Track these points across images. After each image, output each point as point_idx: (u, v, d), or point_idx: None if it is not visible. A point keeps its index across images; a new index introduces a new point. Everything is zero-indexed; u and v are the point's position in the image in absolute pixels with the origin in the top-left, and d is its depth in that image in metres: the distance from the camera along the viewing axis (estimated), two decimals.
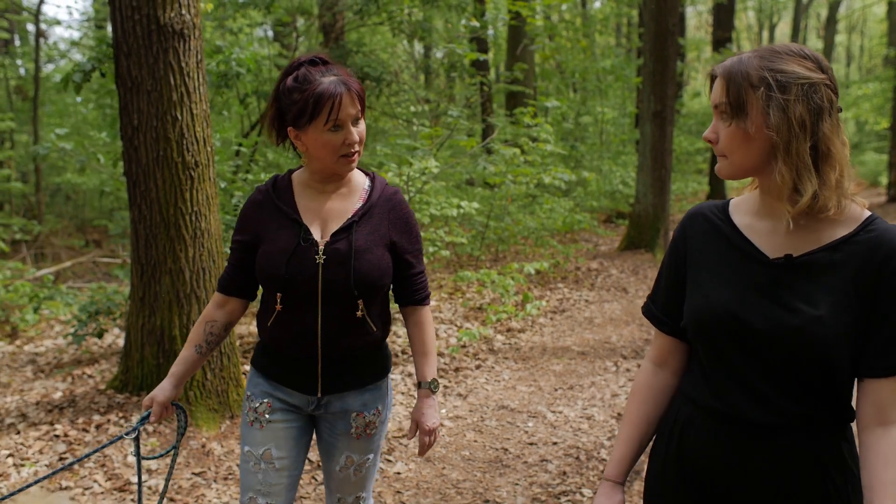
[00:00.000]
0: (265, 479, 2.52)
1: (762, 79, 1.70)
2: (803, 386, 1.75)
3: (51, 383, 5.60)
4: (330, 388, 2.50)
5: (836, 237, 1.75)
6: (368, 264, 2.41)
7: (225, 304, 2.58)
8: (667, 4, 11.66)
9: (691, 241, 1.95)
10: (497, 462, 4.73)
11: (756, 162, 1.75)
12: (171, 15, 4.65)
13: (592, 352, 7.08)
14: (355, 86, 2.38)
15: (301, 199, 2.49)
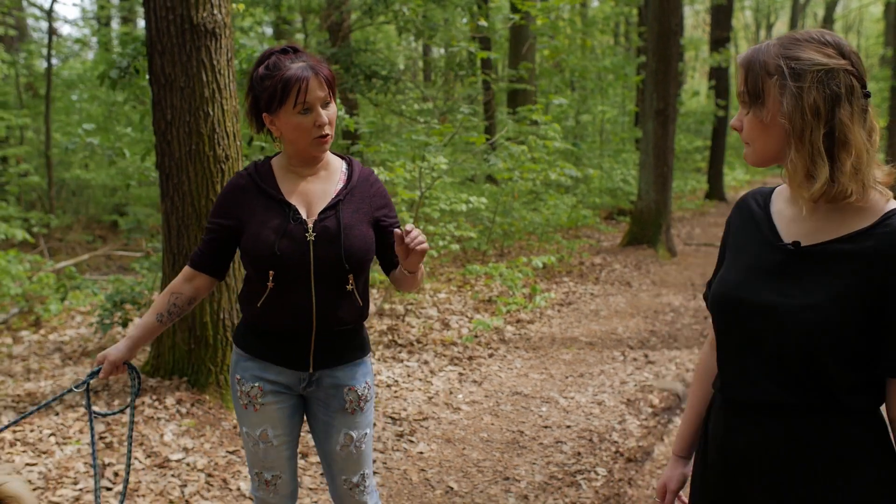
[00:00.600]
0: (266, 456, 2.68)
1: (777, 67, 1.71)
2: (794, 372, 1.76)
3: (81, 369, 5.81)
4: (321, 362, 2.62)
5: (854, 229, 1.74)
6: (357, 240, 2.55)
7: (193, 278, 2.67)
8: (669, 5, 11.89)
9: (733, 226, 1.99)
10: (514, 443, 4.95)
11: (776, 149, 1.77)
12: (203, 15, 4.86)
13: (600, 342, 7.31)
14: (324, 71, 2.51)
15: (283, 182, 2.60)
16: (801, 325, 1.72)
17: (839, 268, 1.72)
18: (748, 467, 1.84)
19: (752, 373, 1.81)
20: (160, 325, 2.64)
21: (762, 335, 1.78)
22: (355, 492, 2.76)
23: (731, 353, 1.88)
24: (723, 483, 1.92)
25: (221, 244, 2.64)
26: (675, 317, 8.40)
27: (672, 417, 5.49)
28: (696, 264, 11.73)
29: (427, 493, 4.24)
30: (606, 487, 4.42)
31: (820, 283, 1.72)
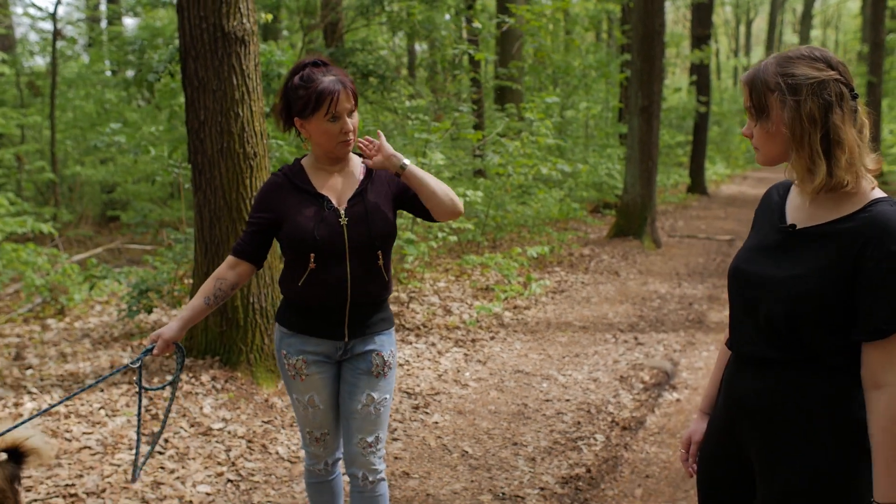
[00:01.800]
0: (314, 418, 3.07)
1: (777, 84, 2.01)
2: (783, 336, 2.08)
3: (114, 352, 6.25)
4: (354, 332, 2.99)
5: (843, 214, 2.04)
6: (382, 220, 2.95)
7: (236, 266, 2.99)
8: (653, 7, 12.37)
9: (757, 214, 2.32)
10: (519, 415, 5.43)
11: (781, 152, 2.08)
12: (234, 24, 5.30)
13: (592, 326, 7.80)
14: (350, 84, 2.88)
15: (314, 178, 2.98)
16: (786, 292, 2.04)
17: (824, 246, 2.03)
18: (742, 410, 2.18)
19: (750, 332, 2.15)
20: (207, 307, 2.95)
21: (757, 300, 2.11)
22: (367, 451, 3.06)
23: (736, 316, 2.22)
24: (724, 422, 2.27)
25: (262, 236, 2.98)
26: (661, 303, 8.90)
27: (661, 392, 5.99)
28: (679, 255, 12.23)
29: (445, 457, 4.72)
30: (605, 451, 4.90)
31: (806, 258, 2.05)
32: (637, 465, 4.73)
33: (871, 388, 2.00)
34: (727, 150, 32.83)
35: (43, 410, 2.81)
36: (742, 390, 2.17)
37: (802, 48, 2.04)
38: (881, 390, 1.98)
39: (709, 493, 2.36)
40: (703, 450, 2.38)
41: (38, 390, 5.29)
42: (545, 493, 4.27)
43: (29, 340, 6.83)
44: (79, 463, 4.29)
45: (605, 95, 22.51)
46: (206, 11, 5.27)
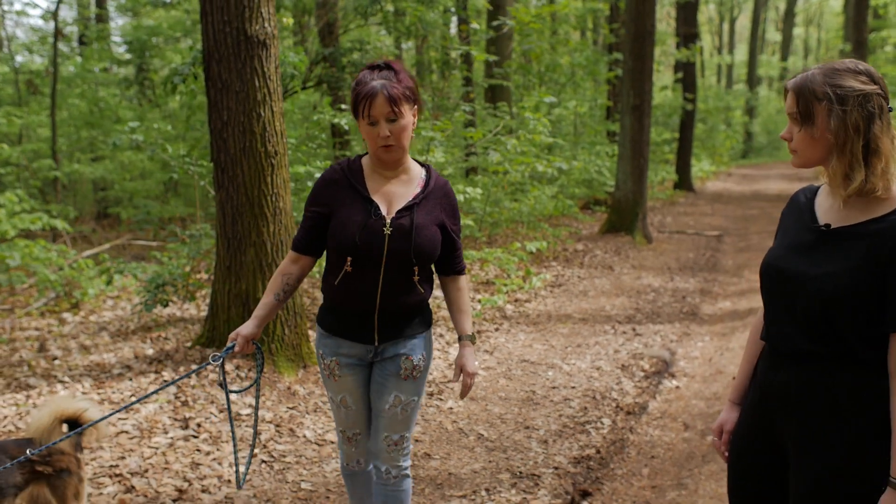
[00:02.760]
0: (347, 417, 3.16)
1: (825, 94, 2.13)
2: (815, 327, 2.20)
3: (135, 344, 6.47)
4: (384, 336, 3.01)
5: (876, 215, 2.17)
6: (426, 239, 2.92)
7: (298, 260, 3.05)
8: (645, 8, 12.67)
9: (785, 217, 2.44)
10: (529, 401, 5.70)
11: (820, 157, 2.21)
12: (256, 28, 5.54)
13: (591, 318, 8.08)
14: (394, 89, 2.82)
15: (370, 181, 2.98)
16: (823, 288, 2.16)
17: (856, 245, 2.16)
18: (779, 401, 2.30)
19: (787, 327, 2.26)
20: (278, 303, 3.02)
21: (794, 296, 2.23)
22: (392, 449, 3.12)
23: (772, 312, 2.33)
24: (759, 413, 2.38)
25: (317, 230, 3.01)
26: (655, 296, 9.19)
27: (661, 380, 6.27)
28: (670, 250, 12.53)
29: (462, 439, 4.98)
30: (612, 434, 5.18)
31: (840, 256, 2.17)
32: (642, 447, 5.01)
33: (894, 375, 2.13)
34: (712, 148, 33.19)
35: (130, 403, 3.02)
36: (779, 382, 2.29)
37: (847, 62, 2.17)
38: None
39: (740, 482, 2.47)
40: (735, 440, 2.48)
41: (70, 379, 5.52)
42: (559, 472, 4.54)
43: (48, 333, 7.05)
44: (119, 446, 4.53)
45: (593, 93, 22.80)
46: (230, 16, 5.50)
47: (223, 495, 4.08)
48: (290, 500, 4.08)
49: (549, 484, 4.39)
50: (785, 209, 2.45)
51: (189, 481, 4.19)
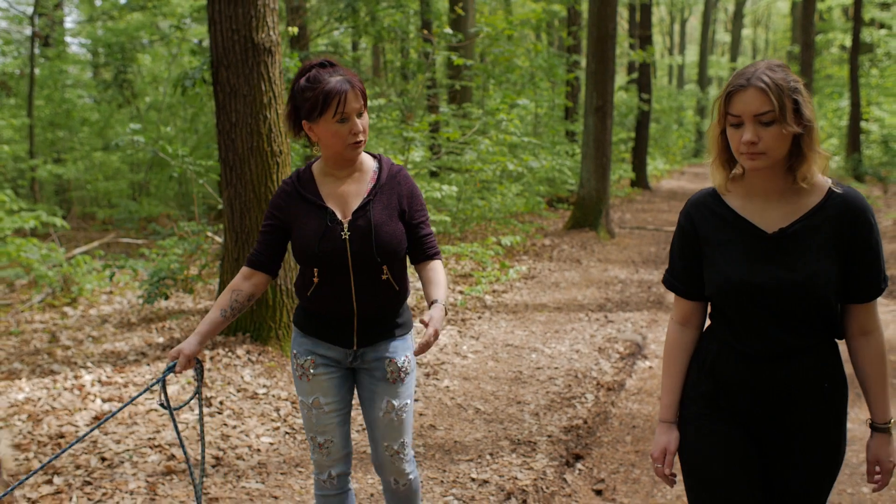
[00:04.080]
0: (318, 422, 3.00)
1: (792, 88, 2.16)
2: (804, 325, 2.27)
3: (142, 334, 6.85)
4: (364, 340, 2.96)
5: (812, 206, 2.25)
6: (386, 235, 2.86)
7: (251, 276, 2.93)
8: (607, 12, 13.24)
9: (699, 225, 2.40)
10: (517, 380, 6.19)
11: (785, 153, 2.22)
12: (262, 36, 5.95)
13: (565, 307, 8.60)
14: (358, 84, 2.79)
15: (322, 186, 2.91)
16: (809, 288, 2.22)
17: (816, 238, 2.24)
18: (770, 401, 2.33)
19: (771, 333, 2.29)
20: (224, 320, 2.87)
21: (778, 304, 2.26)
22: (395, 458, 3.05)
23: (748, 323, 2.33)
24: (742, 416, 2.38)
25: (275, 245, 2.94)
26: (623, 287, 9.74)
27: (635, 361, 6.79)
28: (632, 245, 13.12)
29: (461, 413, 5.45)
30: (595, 407, 5.68)
31: (808, 254, 2.23)
32: (624, 419, 5.51)
33: (857, 336, 2.34)
34: (665, 147, 34.08)
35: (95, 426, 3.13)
36: (771, 384, 2.31)
37: (773, 60, 2.23)
38: (869, 336, 2.34)
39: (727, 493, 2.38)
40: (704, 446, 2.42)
41: (93, 364, 5.90)
42: (552, 439, 5.03)
43: (53, 326, 7.39)
44: (151, 422, 4.93)
45: (550, 95, 23.36)
46: (238, 25, 5.91)
47: (256, 461, 4.52)
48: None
49: (545, 449, 4.87)
50: (693, 216, 2.42)
51: (223, 450, 4.62)
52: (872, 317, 2.33)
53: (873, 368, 2.33)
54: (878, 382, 2.34)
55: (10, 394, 5.28)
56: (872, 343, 2.33)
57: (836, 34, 28.86)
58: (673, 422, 2.51)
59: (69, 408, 5.05)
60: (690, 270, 2.43)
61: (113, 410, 2.69)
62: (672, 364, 2.51)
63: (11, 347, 6.61)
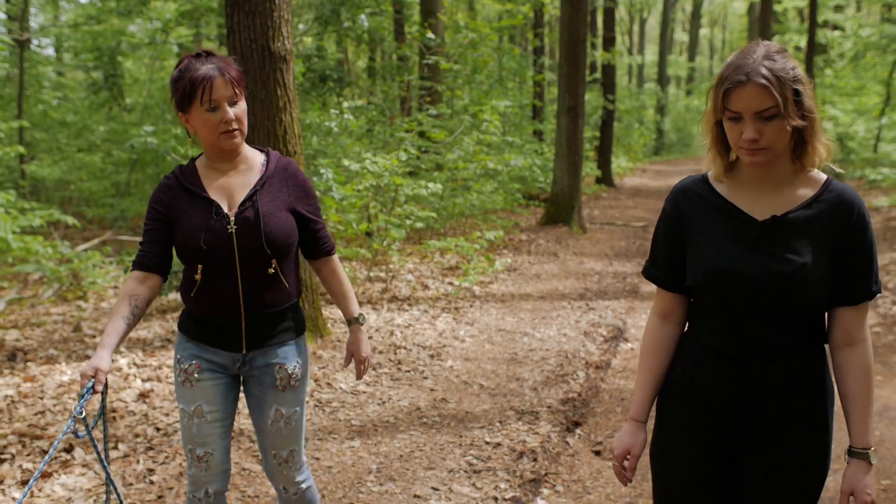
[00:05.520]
0: (199, 432, 2.84)
1: (795, 78, 2.03)
2: (793, 321, 2.13)
3: (160, 323, 7.32)
4: (253, 343, 2.83)
5: (807, 197, 2.13)
6: (276, 226, 2.76)
7: (144, 280, 2.77)
8: (578, 17, 13.85)
9: (685, 212, 2.27)
10: (513, 360, 6.75)
11: (786, 147, 2.11)
12: (278, 45, 6.45)
13: (549, 296, 9.19)
14: (231, 72, 2.70)
15: (206, 179, 2.80)
16: (797, 281, 2.09)
17: (808, 230, 2.11)
18: (749, 403, 2.21)
19: (755, 328, 2.16)
20: (128, 328, 2.71)
21: (762, 296, 2.12)
22: (284, 467, 2.97)
23: (730, 316, 2.19)
24: (718, 419, 2.26)
25: (160, 244, 2.79)
26: (600, 278, 10.36)
27: (618, 343, 7.39)
28: (604, 240, 13.75)
29: (467, 388, 6.01)
30: (587, 383, 6.26)
31: (799, 246, 2.10)
32: (613, 393, 6.09)
33: (843, 346, 2.18)
34: (628, 145, 34.84)
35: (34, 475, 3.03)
36: (751, 386, 2.19)
37: (770, 45, 2.08)
38: (855, 346, 2.17)
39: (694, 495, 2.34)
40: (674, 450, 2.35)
41: (126, 349, 6.37)
42: (552, 409, 5.60)
43: (71, 318, 7.83)
44: None
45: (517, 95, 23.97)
46: (256, 34, 6.40)
47: None
48: (347, 433, 5.05)
49: (547, 417, 5.44)
50: (679, 203, 2.32)
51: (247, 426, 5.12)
52: (860, 325, 2.17)
53: (857, 385, 2.17)
54: (861, 402, 2.17)
55: (54, 376, 5.75)
56: (858, 355, 2.17)
57: (792, 35, 29.79)
58: (642, 421, 2.40)
59: (113, 386, 5.52)
60: (673, 259, 2.31)
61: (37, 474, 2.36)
62: (647, 359, 2.39)
63: (39, 337, 7.05)
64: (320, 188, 7.79)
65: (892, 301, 8.52)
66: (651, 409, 2.42)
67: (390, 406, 5.55)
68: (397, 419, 5.31)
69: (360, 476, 4.45)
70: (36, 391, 5.44)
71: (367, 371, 3.08)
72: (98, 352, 2.61)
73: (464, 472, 4.53)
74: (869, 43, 24.31)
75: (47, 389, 5.47)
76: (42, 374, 5.81)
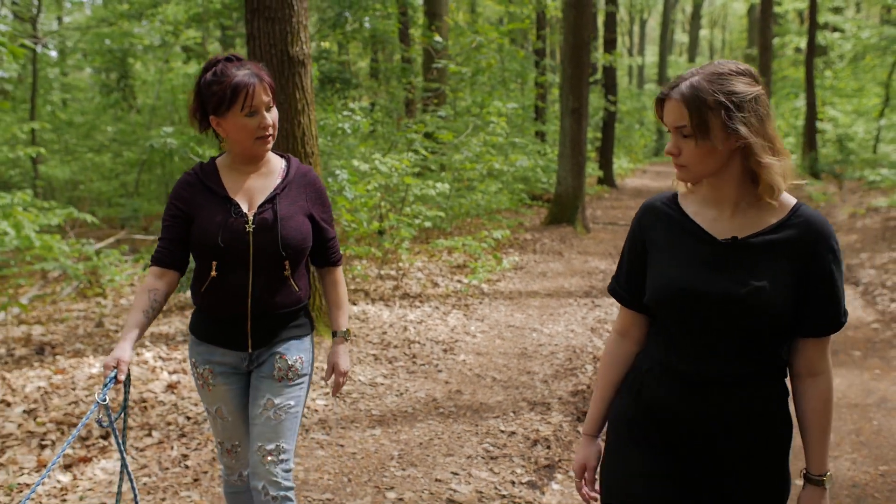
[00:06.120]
0: (224, 428, 2.98)
1: (719, 102, 1.96)
2: (750, 346, 2.06)
3: (181, 318, 7.54)
4: (259, 342, 2.87)
5: (772, 222, 2.06)
6: (292, 230, 2.81)
7: (163, 275, 2.83)
8: (583, 20, 14.08)
9: (648, 229, 2.24)
10: (523, 355, 6.98)
11: (713, 170, 2.06)
12: (296, 49, 6.68)
13: (555, 294, 9.42)
14: (266, 78, 2.76)
15: (227, 179, 2.85)
16: (753, 305, 2.01)
17: (772, 254, 2.04)
18: (699, 428, 2.13)
19: (705, 350, 2.10)
20: (147, 321, 2.77)
21: (717, 318, 2.06)
22: (266, 460, 2.86)
23: (685, 337, 2.13)
24: (667, 444, 2.19)
25: (179, 240, 2.85)
26: (604, 276, 10.59)
27: None
28: (607, 239, 13.98)
29: (481, 381, 6.23)
30: (595, 375, 6.48)
31: (762, 269, 2.03)
32: None
33: (805, 377, 2.13)
34: (629, 146, 35.11)
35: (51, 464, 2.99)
36: (701, 410, 2.13)
37: (728, 63, 2.05)
38: (817, 377, 2.12)
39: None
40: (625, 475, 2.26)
41: (150, 343, 6.59)
42: (563, 401, 5.83)
43: (92, 314, 8.06)
44: None
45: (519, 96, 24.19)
46: (275, 40, 6.63)
47: (317, 419, 5.27)
48: (368, 422, 5.28)
49: (558, 408, 5.67)
50: (644, 219, 2.29)
51: None
52: (823, 356, 2.13)
53: (817, 415, 2.13)
54: (820, 430, 2.13)
55: (83, 369, 5.97)
56: (821, 386, 2.13)
57: (792, 37, 30.05)
58: (594, 436, 2.39)
59: (142, 378, 5.75)
60: (634, 277, 2.28)
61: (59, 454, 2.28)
62: (603, 376, 2.38)
63: (64, 332, 7.28)
64: (334, 188, 8.01)
65: (891, 299, 8.75)
66: (603, 424, 2.40)
67: (407, 397, 5.78)
68: (415, 409, 5.54)
69: (383, 462, 4.68)
70: (67, 383, 5.66)
71: (344, 385, 3.04)
72: (120, 344, 2.67)
73: (481, 459, 4.75)
74: (868, 45, 24.56)
75: (78, 381, 5.70)
76: (71, 366, 6.03)
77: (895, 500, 4.31)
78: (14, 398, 5.34)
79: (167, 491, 4.19)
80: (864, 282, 9.70)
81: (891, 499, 4.33)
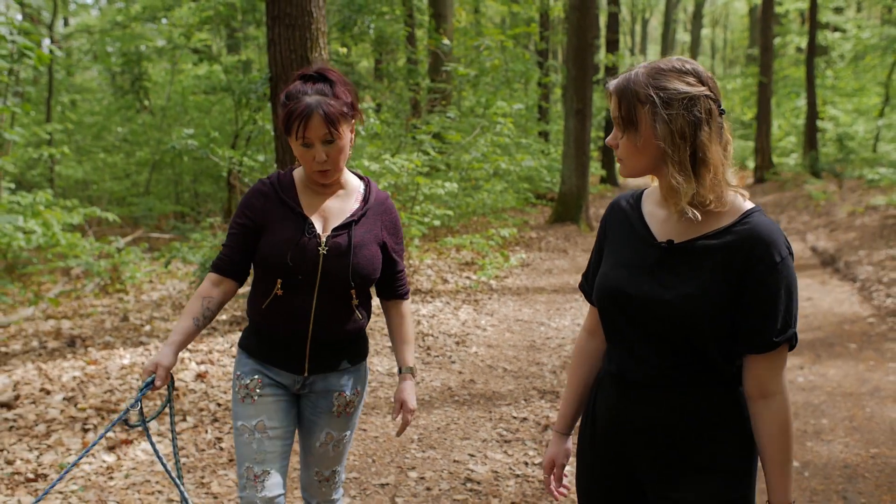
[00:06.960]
0: (259, 448, 2.71)
1: (648, 96, 1.90)
2: (676, 350, 1.99)
3: None
4: (316, 368, 2.75)
5: (717, 227, 1.96)
6: (365, 259, 2.70)
7: (220, 283, 2.73)
8: (586, 22, 14.40)
9: (609, 227, 2.20)
10: (532, 347, 7.29)
11: (647, 166, 1.99)
12: (315, 55, 6.98)
13: (562, 290, 9.73)
14: (330, 108, 2.53)
15: (303, 195, 2.73)
16: (679, 311, 1.94)
17: (706, 260, 1.95)
18: (640, 436, 2.07)
19: (640, 355, 2.04)
20: (197, 328, 2.68)
21: (647, 322, 2.01)
22: (323, 484, 2.92)
23: (620, 339, 2.10)
24: (608, 448, 2.16)
25: (243, 250, 2.74)
26: None
27: None
28: None
29: (492, 371, 6.54)
30: None
31: (692, 275, 1.96)
32: None
33: (757, 398, 1.98)
34: None
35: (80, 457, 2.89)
36: (636, 415, 2.08)
37: (674, 60, 1.96)
38: (769, 399, 1.97)
39: None
40: (587, 482, 2.26)
41: None
42: None
43: (116, 309, 8.37)
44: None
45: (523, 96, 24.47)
46: (295, 45, 6.94)
47: None
48: (388, 408, 5.58)
49: None
50: (607, 216, 2.25)
51: None
52: (773, 377, 1.98)
53: (772, 441, 1.98)
54: (777, 457, 1.99)
55: (114, 360, 6.28)
56: (773, 409, 1.97)
57: (793, 37, 30.31)
58: (564, 434, 2.36)
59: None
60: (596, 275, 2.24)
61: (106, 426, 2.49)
62: (571, 373, 2.35)
63: (91, 326, 7.59)
64: None
65: (887, 294, 9.04)
66: (574, 422, 2.36)
67: (424, 386, 6.08)
68: (431, 397, 5.84)
69: (403, 445, 4.98)
70: (101, 373, 5.97)
71: (407, 425, 2.93)
72: (162, 348, 2.62)
73: (496, 442, 5.06)
74: (869, 44, 24.83)
75: (111, 371, 6.00)
76: (103, 357, 6.33)
77: (884, 479, 4.60)
78: (52, 387, 5.64)
79: (205, 470, 4.50)
80: (862, 278, 10.00)
81: (880, 478, 4.62)
